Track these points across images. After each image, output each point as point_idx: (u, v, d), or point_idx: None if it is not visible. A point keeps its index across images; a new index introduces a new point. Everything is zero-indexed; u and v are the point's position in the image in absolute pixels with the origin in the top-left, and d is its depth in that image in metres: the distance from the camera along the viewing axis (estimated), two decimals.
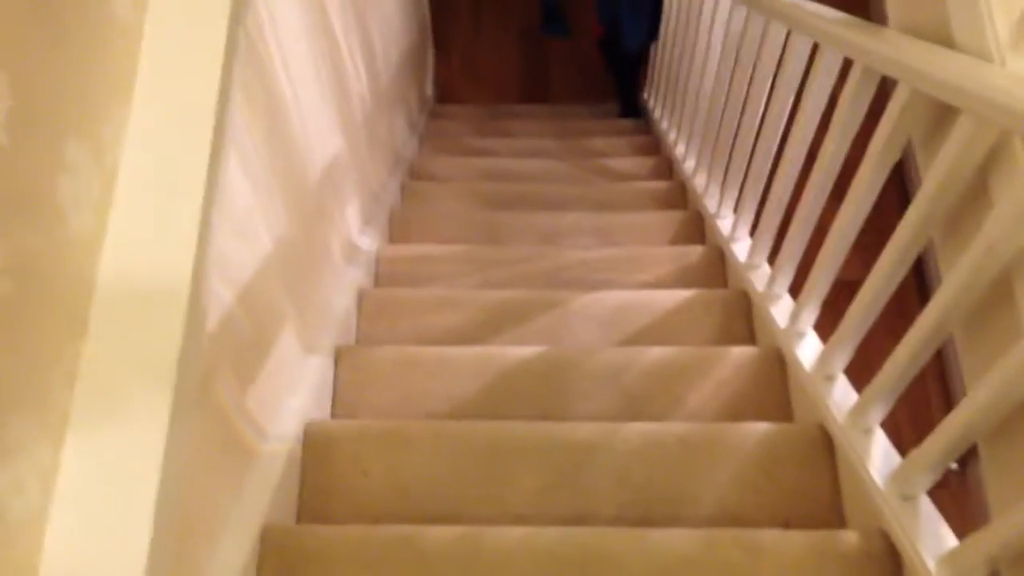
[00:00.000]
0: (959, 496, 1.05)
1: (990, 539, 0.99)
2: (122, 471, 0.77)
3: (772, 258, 1.86)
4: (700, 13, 2.63)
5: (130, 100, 0.89)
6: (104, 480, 0.76)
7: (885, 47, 1.25)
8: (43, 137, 0.72)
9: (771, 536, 1.24)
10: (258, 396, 1.25)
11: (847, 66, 1.43)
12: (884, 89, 1.30)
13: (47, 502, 0.74)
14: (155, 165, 0.88)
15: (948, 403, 1.20)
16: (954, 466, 1.11)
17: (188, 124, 0.91)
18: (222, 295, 1.08)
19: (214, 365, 1.06)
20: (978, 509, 1.12)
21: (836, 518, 1.39)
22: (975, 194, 1.08)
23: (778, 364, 1.70)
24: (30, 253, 0.70)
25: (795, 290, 1.72)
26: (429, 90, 4.14)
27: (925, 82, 1.13)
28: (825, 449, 1.44)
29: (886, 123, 1.26)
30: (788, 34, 1.74)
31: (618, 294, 2.02)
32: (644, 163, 3.25)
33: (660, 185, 2.92)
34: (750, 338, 1.92)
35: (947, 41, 1.11)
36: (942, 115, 1.14)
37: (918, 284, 1.13)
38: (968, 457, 1.11)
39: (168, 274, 0.85)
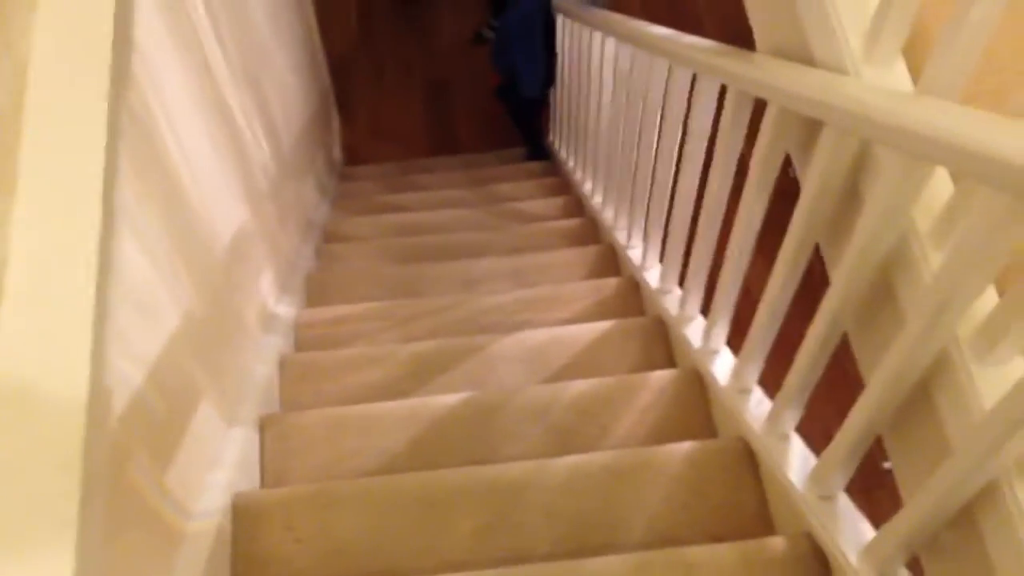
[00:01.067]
0: (896, 493, 1.08)
1: (902, 526, 1.03)
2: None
3: (682, 281, 1.92)
4: (591, 54, 2.71)
5: (14, 187, 0.89)
6: None
7: (753, 70, 1.32)
8: None
9: (702, 552, 1.27)
10: (178, 474, 1.23)
11: (725, 92, 1.49)
12: (760, 111, 1.37)
13: None
14: (44, 251, 0.88)
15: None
16: (888, 464, 1.14)
17: (75, 204, 0.90)
18: (128, 373, 1.08)
19: (126, 448, 1.04)
20: None
21: (765, 527, 1.43)
22: (848, 199, 1.13)
23: (697, 383, 1.74)
24: None
25: (706, 310, 1.76)
26: (337, 153, 4.16)
27: (791, 99, 1.19)
28: (748, 460, 1.48)
29: (762, 140, 1.32)
30: (669, 68, 1.81)
31: (538, 333, 2.05)
32: (554, 203, 3.30)
33: (571, 223, 2.97)
34: (670, 362, 1.96)
35: (808, 59, 1.17)
36: (811, 129, 1.20)
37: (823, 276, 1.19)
38: None
39: (65, 359, 0.83)
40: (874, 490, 1.52)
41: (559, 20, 3.34)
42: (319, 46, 3.85)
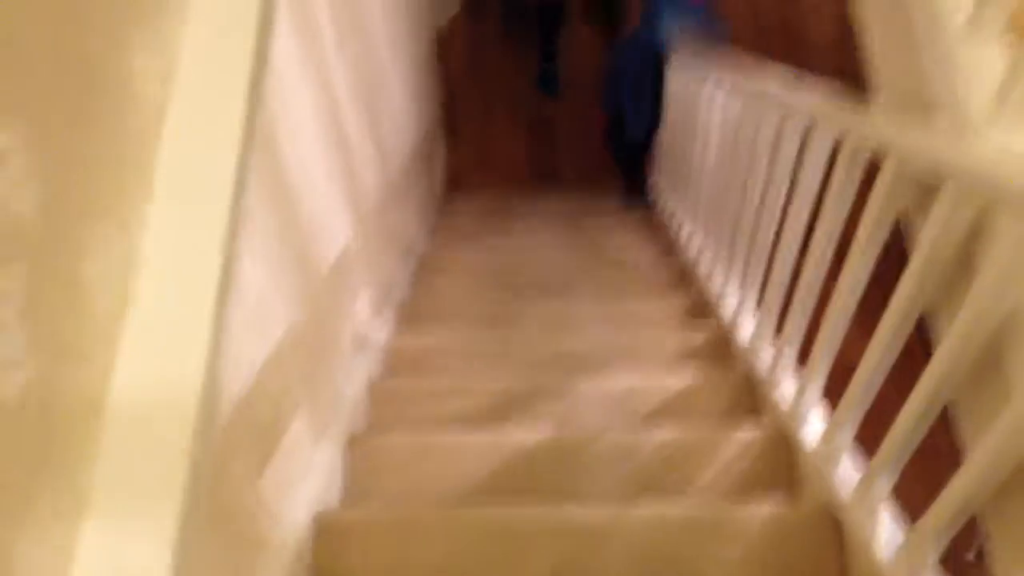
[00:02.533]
0: None
1: None
2: (137, 553, 0.79)
3: (777, 338, 1.89)
4: (700, 101, 2.71)
5: (151, 189, 0.94)
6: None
7: (871, 126, 1.31)
8: (70, 223, 0.76)
9: None
10: (270, 482, 1.27)
11: (839, 146, 1.48)
12: (874, 169, 1.35)
13: None
14: (175, 252, 0.92)
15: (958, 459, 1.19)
16: (971, 556, 1.10)
17: (205, 213, 0.95)
18: (236, 382, 1.12)
19: (228, 451, 1.08)
20: None
21: None
22: (962, 264, 1.11)
23: (784, 444, 1.71)
24: (54, 336, 0.73)
25: (799, 369, 1.73)
26: (439, 182, 4.23)
27: (910, 156, 1.17)
28: (832, 528, 1.44)
29: (875, 196, 1.30)
30: (782, 119, 1.80)
31: (625, 377, 2.04)
32: (650, 249, 3.30)
33: (666, 270, 2.96)
34: (756, 419, 1.93)
35: (930, 111, 1.16)
36: (928, 190, 1.18)
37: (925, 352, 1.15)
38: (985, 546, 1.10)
39: (184, 360, 0.87)
40: None
41: (670, 65, 3.35)
42: (432, 77, 3.94)
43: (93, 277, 0.80)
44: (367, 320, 2.14)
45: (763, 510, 1.48)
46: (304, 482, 1.46)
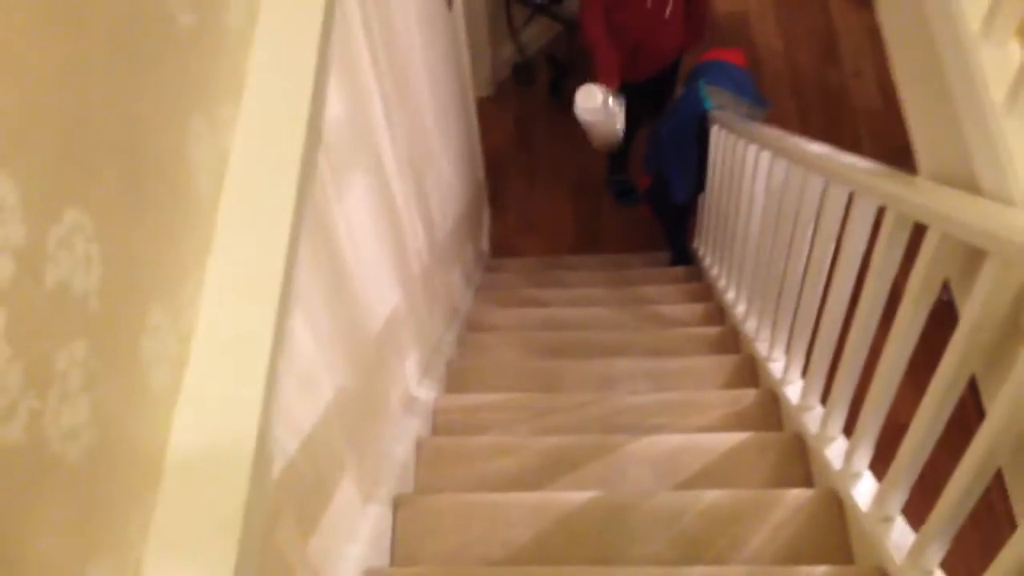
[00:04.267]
0: None
1: None
2: None
3: (825, 399, 1.88)
4: (744, 166, 2.73)
5: (205, 264, 0.98)
6: None
7: (916, 194, 1.32)
8: (128, 301, 0.80)
9: None
10: (318, 543, 1.29)
11: (882, 213, 1.49)
12: (919, 233, 1.35)
13: None
14: (227, 324, 0.96)
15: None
16: None
17: (258, 286, 0.99)
18: (286, 445, 1.14)
19: (277, 513, 1.10)
20: None
21: None
22: (1010, 330, 1.10)
23: (835, 506, 1.69)
24: (114, 408, 0.76)
25: (849, 431, 1.72)
26: (485, 245, 4.29)
27: (953, 226, 1.18)
28: None
29: (920, 265, 1.30)
30: (826, 185, 1.81)
31: (672, 438, 2.04)
32: (696, 309, 3.29)
33: (712, 330, 2.95)
34: (806, 480, 1.91)
35: (973, 187, 1.17)
36: (972, 257, 1.18)
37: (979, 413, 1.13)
38: None
39: (237, 427, 0.90)
40: None
41: (713, 129, 3.38)
42: (478, 145, 4.02)
43: (148, 351, 0.83)
44: (415, 380, 2.17)
45: (815, 572, 1.46)
46: (352, 543, 1.48)
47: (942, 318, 1.37)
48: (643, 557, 1.64)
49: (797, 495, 1.72)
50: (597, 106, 3.28)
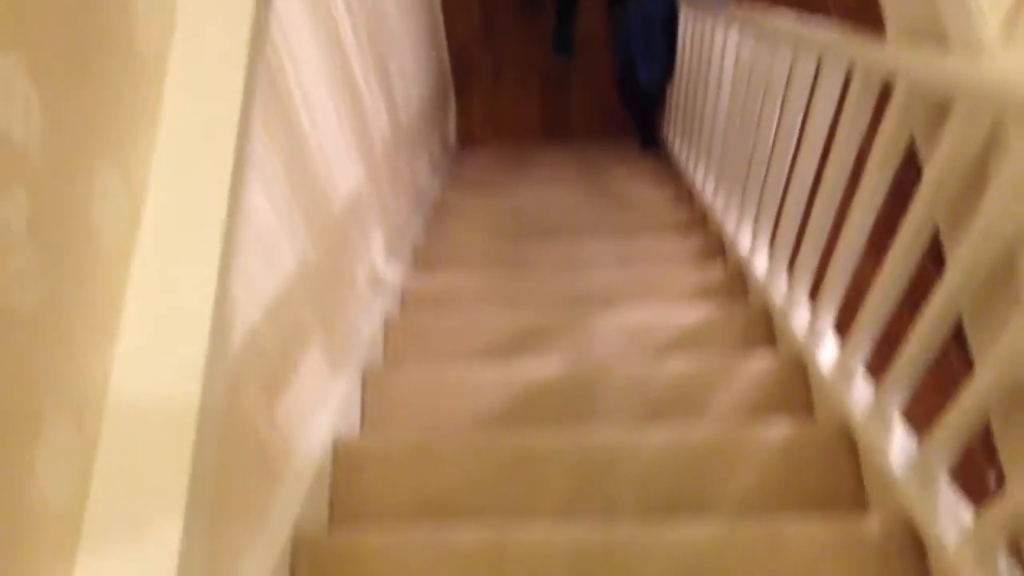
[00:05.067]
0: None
1: (1006, 510, 1.00)
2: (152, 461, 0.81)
3: (791, 269, 1.89)
4: (712, 45, 2.69)
5: (156, 127, 0.95)
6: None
7: (883, 52, 1.30)
8: (74, 157, 0.76)
9: (794, 528, 1.25)
10: (286, 410, 1.29)
11: (850, 78, 1.47)
12: (885, 102, 1.34)
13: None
14: (180, 186, 0.93)
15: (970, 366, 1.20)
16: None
17: (211, 150, 0.95)
18: (249, 313, 1.13)
19: (241, 378, 1.10)
20: None
21: (860, 510, 1.40)
22: (973, 181, 1.10)
23: (799, 370, 1.72)
24: (64, 262, 0.74)
25: (814, 296, 1.73)
26: (451, 134, 4.23)
27: (920, 74, 1.17)
28: (847, 444, 1.45)
29: (887, 122, 1.29)
30: (794, 55, 1.79)
31: (640, 312, 2.05)
32: (664, 192, 3.29)
33: (680, 213, 2.95)
34: (772, 348, 1.94)
35: (940, 39, 1.14)
36: (938, 110, 1.17)
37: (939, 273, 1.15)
38: None
39: (194, 285, 0.89)
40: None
41: (682, 12, 3.32)
42: (442, 34, 3.93)
43: (99, 210, 0.80)
44: (382, 260, 2.15)
45: (778, 432, 1.49)
46: (321, 412, 1.48)
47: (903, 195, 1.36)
48: (610, 424, 1.67)
49: (761, 362, 1.75)
50: None
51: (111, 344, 0.84)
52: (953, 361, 1.33)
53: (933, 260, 1.25)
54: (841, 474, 1.43)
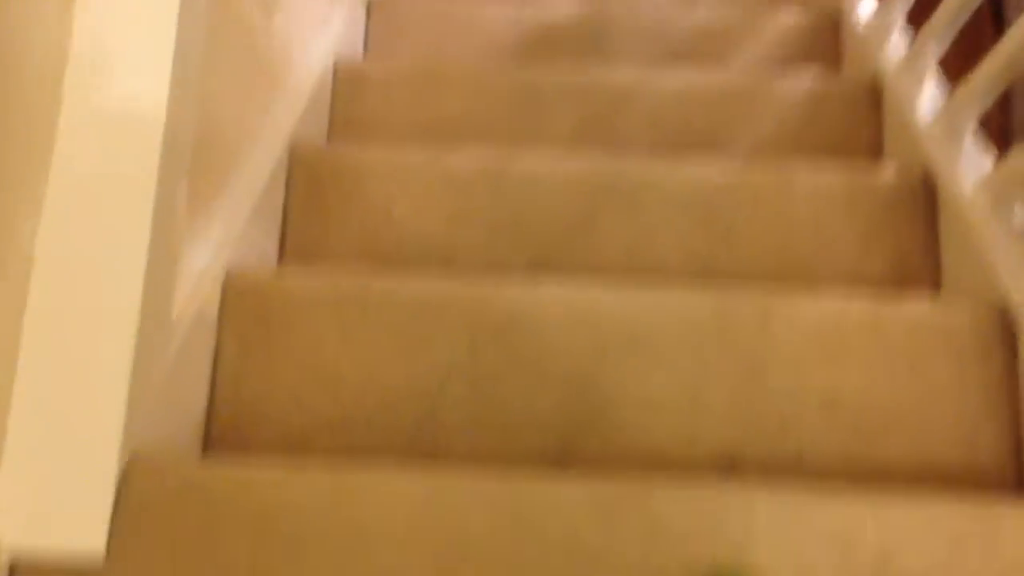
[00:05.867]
0: None
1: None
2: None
3: None
4: None
5: None
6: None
7: None
8: None
9: (804, 174, 1.21)
10: (284, 21, 1.20)
11: None
12: None
13: None
14: None
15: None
16: None
17: None
18: None
19: None
20: None
21: (876, 160, 1.37)
22: None
23: (831, 24, 1.62)
24: None
25: None
26: None
27: None
28: (872, 99, 1.39)
29: None
30: None
31: None
32: None
33: None
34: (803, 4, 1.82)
35: None
36: None
37: None
38: None
39: None
40: None
41: None
42: None
43: None
44: None
45: (802, 83, 1.42)
46: (325, 28, 1.40)
47: None
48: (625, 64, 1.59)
49: (794, 15, 1.64)
50: None
51: None
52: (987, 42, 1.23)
53: None
54: (861, 128, 1.38)
